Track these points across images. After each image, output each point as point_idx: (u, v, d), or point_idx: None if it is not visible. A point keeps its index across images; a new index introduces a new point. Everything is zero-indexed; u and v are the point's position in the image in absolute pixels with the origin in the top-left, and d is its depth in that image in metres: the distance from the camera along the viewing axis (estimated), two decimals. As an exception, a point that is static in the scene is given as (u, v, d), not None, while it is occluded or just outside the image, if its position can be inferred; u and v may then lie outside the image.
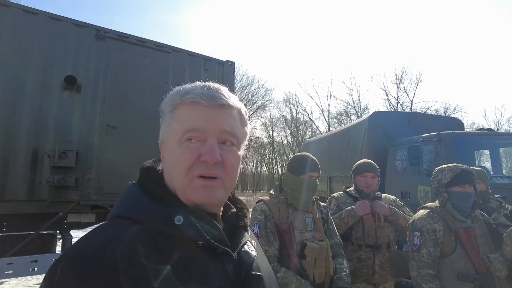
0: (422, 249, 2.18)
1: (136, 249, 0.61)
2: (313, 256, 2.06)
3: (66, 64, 4.21)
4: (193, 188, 0.68)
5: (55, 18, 4.22)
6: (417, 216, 2.35)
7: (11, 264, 3.66)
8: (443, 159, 5.28)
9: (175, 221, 0.65)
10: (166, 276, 0.60)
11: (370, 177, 2.85)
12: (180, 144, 0.70)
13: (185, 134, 0.69)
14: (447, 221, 2.20)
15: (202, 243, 0.66)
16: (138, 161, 3.77)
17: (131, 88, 4.63)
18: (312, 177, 2.25)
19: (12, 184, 3.80)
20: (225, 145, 0.72)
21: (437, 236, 2.17)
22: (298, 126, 37.74)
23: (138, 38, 4.81)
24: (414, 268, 2.20)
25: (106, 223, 0.68)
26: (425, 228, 2.22)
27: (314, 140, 12.28)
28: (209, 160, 0.68)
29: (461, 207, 2.23)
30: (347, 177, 7.86)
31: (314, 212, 2.27)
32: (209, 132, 0.69)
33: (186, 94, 0.71)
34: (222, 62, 5.57)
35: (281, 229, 2.10)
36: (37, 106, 3.99)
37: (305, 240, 2.12)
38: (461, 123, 8.11)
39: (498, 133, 8.82)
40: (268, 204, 2.22)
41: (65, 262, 0.58)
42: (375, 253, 2.69)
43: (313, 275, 2.05)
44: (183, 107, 0.71)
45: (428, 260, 2.15)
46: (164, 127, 0.74)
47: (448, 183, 2.25)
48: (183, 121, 0.70)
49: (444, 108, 29.68)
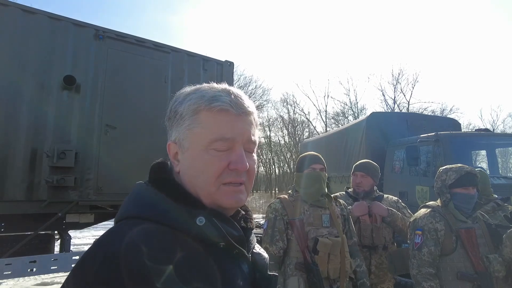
0: (423, 247, 2.20)
1: (162, 251, 0.61)
2: (326, 252, 2.10)
3: (65, 64, 4.20)
4: (222, 193, 0.70)
5: (54, 17, 4.20)
6: (419, 214, 2.36)
7: (9, 264, 3.64)
8: (440, 159, 5.32)
9: (197, 222, 0.65)
10: (191, 278, 0.61)
11: (360, 176, 2.89)
12: (207, 151, 0.69)
13: (214, 142, 0.69)
14: (449, 221, 2.22)
15: (224, 245, 0.67)
16: (137, 161, 3.75)
17: (130, 88, 4.62)
18: (314, 169, 2.28)
19: (10, 184, 3.78)
20: (248, 152, 0.73)
21: (438, 235, 2.19)
22: (296, 127, 37.74)
23: (137, 38, 4.80)
24: (414, 266, 2.22)
25: (122, 224, 0.66)
26: (426, 227, 2.24)
27: (312, 141, 12.32)
28: (241, 168, 0.69)
29: (463, 208, 2.25)
30: (345, 177, 7.89)
31: (332, 209, 2.29)
32: (237, 141, 0.70)
33: (214, 101, 0.70)
34: (221, 62, 5.57)
35: (293, 225, 2.16)
36: (35, 106, 3.97)
37: (320, 236, 2.16)
38: (458, 123, 8.17)
39: (495, 134, 8.89)
40: (283, 202, 2.29)
41: (95, 266, 0.57)
42: (371, 253, 2.71)
43: (327, 270, 2.08)
44: (209, 113, 0.70)
45: (429, 259, 2.17)
46: (182, 130, 0.72)
47: (452, 184, 2.26)
48: (211, 128, 0.69)
49: (441, 109, 29.83)
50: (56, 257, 4.02)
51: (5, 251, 3.89)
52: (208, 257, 0.65)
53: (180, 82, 4.91)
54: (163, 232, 0.64)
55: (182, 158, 0.73)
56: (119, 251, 0.58)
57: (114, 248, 0.59)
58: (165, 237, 0.63)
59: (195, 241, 0.65)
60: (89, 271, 0.57)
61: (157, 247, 0.60)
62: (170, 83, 4.93)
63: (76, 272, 0.59)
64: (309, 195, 2.25)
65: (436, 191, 2.39)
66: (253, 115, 0.75)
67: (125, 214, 0.68)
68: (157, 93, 4.74)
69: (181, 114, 0.72)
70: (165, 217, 0.66)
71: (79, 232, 7.88)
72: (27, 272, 3.79)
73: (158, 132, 4.34)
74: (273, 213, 2.23)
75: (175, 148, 0.74)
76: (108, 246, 0.61)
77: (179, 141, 0.73)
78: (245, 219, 0.79)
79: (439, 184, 2.35)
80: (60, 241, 4.70)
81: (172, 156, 0.75)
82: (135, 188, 0.73)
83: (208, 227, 0.65)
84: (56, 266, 3.89)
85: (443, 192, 2.31)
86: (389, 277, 2.79)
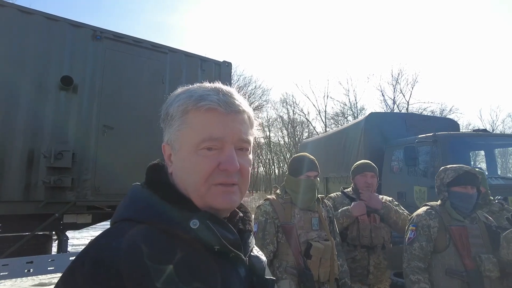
0: (415, 242, 2.26)
1: (161, 252, 0.60)
2: (318, 256, 2.11)
3: (63, 65, 4.19)
4: (213, 194, 0.68)
5: (51, 18, 4.20)
6: (417, 212, 2.42)
7: (6, 265, 3.63)
8: (439, 159, 5.32)
9: (191, 225, 0.64)
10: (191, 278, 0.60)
11: (370, 177, 2.87)
12: (196, 152, 0.68)
13: (202, 142, 0.68)
14: (443, 219, 2.25)
15: (218, 248, 0.66)
16: (135, 162, 3.74)
17: (127, 89, 4.62)
18: (310, 177, 2.28)
19: (8, 184, 3.77)
20: (241, 151, 0.71)
21: (431, 232, 2.24)
22: (295, 127, 37.82)
23: (134, 39, 4.80)
24: (405, 260, 2.29)
25: (117, 226, 0.66)
26: (420, 223, 2.29)
27: (311, 141, 12.30)
28: (230, 169, 0.67)
29: (461, 207, 2.25)
30: (343, 177, 7.88)
31: (320, 211, 2.31)
32: (227, 141, 0.69)
33: (201, 100, 0.68)
34: (219, 63, 5.56)
35: (286, 230, 2.16)
36: (33, 107, 3.97)
37: (310, 239, 2.17)
38: (456, 124, 8.16)
39: (493, 134, 8.89)
40: (274, 204, 2.27)
41: (86, 270, 0.56)
42: (369, 253, 2.71)
43: (317, 274, 2.10)
44: (197, 113, 0.69)
45: (419, 254, 2.23)
46: (173, 131, 0.71)
47: (450, 183, 2.28)
48: (199, 129, 0.68)
49: (440, 109, 29.93)
50: (54, 257, 4.01)
51: (2, 252, 3.88)
52: (205, 259, 0.65)
53: (178, 82, 4.90)
54: (160, 234, 0.63)
55: (175, 160, 0.72)
56: (119, 252, 0.57)
57: (113, 249, 0.58)
58: (163, 238, 0.63)
59: (192, 243, 0.65)
60: (86, 272, 0.56)
61: (157, 248, 0.60)
62: (168, 84, 4.93)
63: (71, 273, 0.58)
64: (302, 201, 2.27)
65: (436, 190, 2.41)
66: (246, 113, 0.73)
67: (121, 216, 0.68)
68: (154, 94, 4.73)
69: (171, 115, 0.72)
70: (161, 219, 0.65)
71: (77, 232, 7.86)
72: (24, 272, 3.78)
73: (155, 133, 4.33)
74: (264, 216, 2.22)
75: (168, 150, 0.74)
76: (106, 247, 0.60)
77: (171, 143, 0.73)
78: (243, 221, 0.78)
79: (438, 182, 2.37)
80: (57, 242, 4.68)
81: (167, 157, 0.75)
82: (131, 189, 0.72)
83: (202, 230, 0.64)
84: (53, 266, 3.88)
85: (441, 190, 2.34)
86: (386, 277, 2.79)
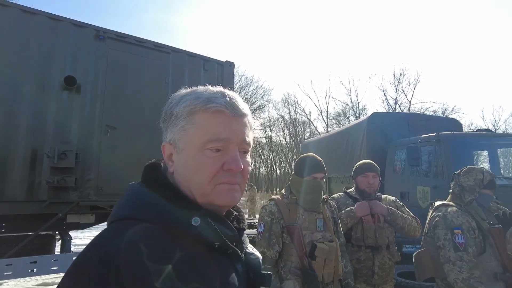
0: (469, 248, 2.03)
1: (161, 251, 0.61)
2: (323, 257, 2.11)
3: (66, 65, 4.20)
4: (217, 192, 0.70)
5: (54, 18, 4.20)
6: (448, 213, 2.21)
7: (10, 265, 3.63)
8: (441, 160, 5.31)
9: (192, 222, 0.66)
10: (190, 277, 0.61)
11: (372, 177, 2.85)
12: (202, 152, 0.70)
13: (209, 143, 0.70)
14: (478, 220, 2.17)
15: (219, 244, 0.68)
16: (138, 162, 3.75)
17: (130, 89, 4.62)
18: (316, 178, 2.26)
19: (11, 185, 3.78)
20: (243, 153, 0.74)
21: (475, 234, 2.11)
22: (297, 127, 37.80)
23: (137, 39, 4.80)
24: (464, 270, 1.99)
25: (116, 225, 0.66)
26: (465, 225, 2.11)
27: (313, 141, 12.31)
28: (235, 169, 0.70)
29: (482, 208, 2.26)
30: (346, 177, 7.87)
31: (325, 212, 2.30)
32: (232, 142, 0.71)
33: (209, 102, 0.71)
34: (221, 63, 5.56)
35: (290, 231, 2.15)
36: (36, 107, 3.97)
37: (315, 240, 2.16)
38: (459, 124, 8.14)
39: (496, 134, 8.86)
40: (279, 204, 2.26)
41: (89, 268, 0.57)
42: (374, 254, 2.70)
43: (322, 275, 2.09)
44: (205, 114, 0.71)
45: (476, 260, 2.03)
46: (177, 131, 0.73)
47: (487, 185, 2.28)
48: (206, 129, 0.70)
49: (442, 109, 29.86)
50: (57, 257, 4.01)
51: (6, 252, 3.89)
52: (205, 257, 0.65)
53: (181, 82, 4.90)
54: (159, 232, 0.63)
55: (177, 159, 0.73)
56: (118, 252, 0.57)
57: (112, 249, 0.58)
58: (162, 237, 0.63)
59: (192, 241, 0.65)
60: (86, 273, 0.56)
61: (156, 247, 0.60)
62: (171, 84, 4.93)
63: (71, 274, 0.58)
64: (308, 202, 2.26)
65: (465, 188, 2.30)
66: (247, 117, 0.76)
67: (118, 215, 0.68)
68: (157, 94, 4.73)
69: (176, 115, 0.73)
70: (160, 218, 0.66)
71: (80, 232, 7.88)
72: (28, 272, 3.78)
73: (158, 132, 4.24)
74: (269, 216, 2.22)
75: (170, 149, 0.75)
76: (105, 246, 0.59)
77: (174, 142, 0.73)
78: (237, 219, 0.80)
79: (471, 182, 2.28)
80: (60, 242, 4.70)
81: (167, 157, 0.76)
82: (128, 189, 0.72)
83: (203, 227, 0.66)
84: (57, 266, 3.88)
85: (474, 190, 2.25)
86: (391, 278, 2.78)
